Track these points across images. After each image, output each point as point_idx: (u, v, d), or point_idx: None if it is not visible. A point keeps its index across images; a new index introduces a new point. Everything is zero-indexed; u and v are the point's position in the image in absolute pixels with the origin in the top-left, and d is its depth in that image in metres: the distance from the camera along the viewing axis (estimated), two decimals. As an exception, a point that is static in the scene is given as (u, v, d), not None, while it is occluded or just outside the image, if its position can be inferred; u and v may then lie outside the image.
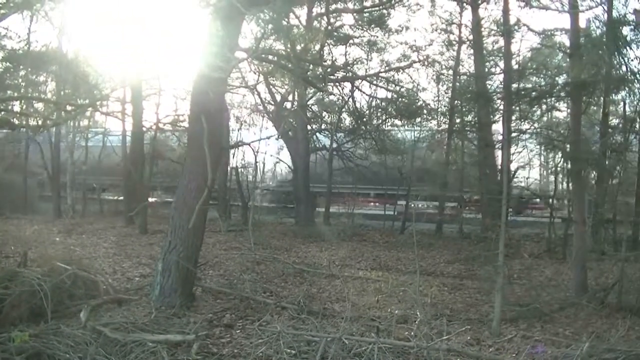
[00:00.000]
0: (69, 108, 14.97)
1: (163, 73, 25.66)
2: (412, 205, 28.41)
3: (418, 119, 30.32)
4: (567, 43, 15.27)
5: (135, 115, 25.99)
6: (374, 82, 28.70)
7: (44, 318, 9.22)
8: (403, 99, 28.42)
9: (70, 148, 30.89)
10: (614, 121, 23.15)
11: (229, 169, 29.98)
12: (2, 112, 13.29)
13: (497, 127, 25.50)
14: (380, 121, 30.91)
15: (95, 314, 9.82)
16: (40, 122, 15.25)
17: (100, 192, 33.39)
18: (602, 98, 19.29)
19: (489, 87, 25.04)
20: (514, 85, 18.63)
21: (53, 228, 23.13)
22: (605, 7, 14.78)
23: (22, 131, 23.00)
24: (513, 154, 25.32)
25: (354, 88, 29.11)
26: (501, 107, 21.15)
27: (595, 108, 21.53)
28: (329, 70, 22.89)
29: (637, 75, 17.02)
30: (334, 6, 27.87)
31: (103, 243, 19.88)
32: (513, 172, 24.92)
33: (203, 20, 12.26)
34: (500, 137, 23.65)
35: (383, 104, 29.90)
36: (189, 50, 13.49)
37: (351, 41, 29.53)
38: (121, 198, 30.04)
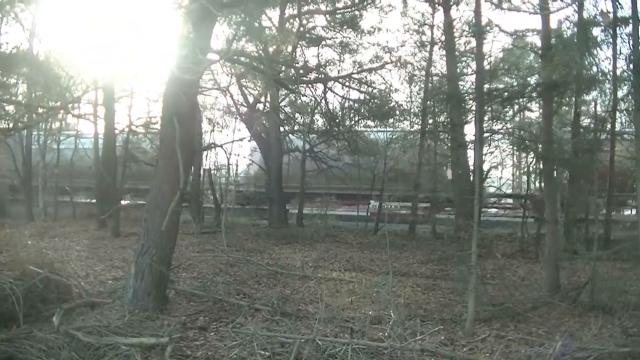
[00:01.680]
0: (40, 110, 14.88)
1: (135, 75, 25.56)
2: (385, 206, 28.45)
3: (390, 120, 30.41)
4: (539, 44, 15.33)
5: (107, 118, 25.88)
6: (347, 84, 28.72)
7: (16, 322, 9.17)
8: (375, 100, 28.45)
9: (42, 151, 30.70)
10: (585, 121, 23.33)
11: (201, 171, 29.91)
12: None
13: (470, 128, 25.63)
14: (352, 122, 30.97)
15: (68, 318, 9.80)
16: (11, 125, 15.14)
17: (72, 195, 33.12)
18: (573, 98, 19.43)
19: (461, 87, 25.16)
20: (486, 86, 18.69)
21: (25, 231, 22.96)
22: (576, 8, 14.93)
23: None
24: (485, 154, 25.42)
25: (327, 89, 29.12)
26: (473, 107, 21.23)
27: (566, 108, 21.67)
28: (301, 71, 22.94)
29: (608, 76, 17.18)
30: (306, 8, 27.83)
31: (75, 246, 19.78)
32: (485, 173, 25.04)
33: (175, 22, 12.24)
34: (473, 138, 23.76)
35: (356, 105, 29.94)
36: (161, 52, 13.45)
37: (323, 42, 29.53)
38: (94, 201, 29.83)
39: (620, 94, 19.63)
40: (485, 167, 25.50)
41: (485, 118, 21.16)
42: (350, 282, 15.35)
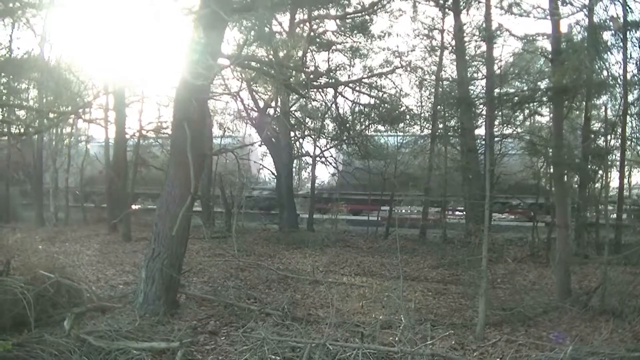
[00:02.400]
0: (51, 115, 14.90)
1: (146, 80, 25.61)
2: (396, 210, 28.43)
3: (401, 125, 30.35)
4: (549, 48, 15.31)
5: (118, 123, 25.94)
6: (357, 88, 28.65)
7: (27, 327, 9.20)
8: (386, 105, 28.38)
9: (53, 156, 30.77)
10: (595, 125, 23.27)
11: (212, 175, 29.92)
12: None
13: (480, 132, 25.57)
14: (363, 127, 30.92)
15: (79, 322, 9.84)
16: (22, 130, 15.18)
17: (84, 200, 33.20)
18: (583, 102, 19.38)
19: (471, 92, 25.14)
20: (496, 90, 18.71)
21: (36, 236, 22.99)
22: (586, 13, 14.89)
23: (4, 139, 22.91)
24: (495, 158, 25.37)
25: (337, 94, 29.05)
26: (484, 112, 21.25)
27: (577, 112, 21.63)
28: (311, 76, 22.87)
29: (618, 80, 17.14)
30: (316, 12, 27.83)
31: (86, 251, 19.81)
32: (496, 177, 24.98)
33: (186, 27, 12.26)
34: (483, 142, 23.72)
35: (366, 109, 29.87)
36: (171, 57, 13.47)
37: (334, 47, 29.51)
38: (104, 205, 29.89)
39: (630, 98, 19.64)
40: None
41: (496, 122, 21.15)
42: (360, 287, 15.36)
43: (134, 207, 28.21)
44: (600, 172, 19.15)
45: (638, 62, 18.88)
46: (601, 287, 12.44)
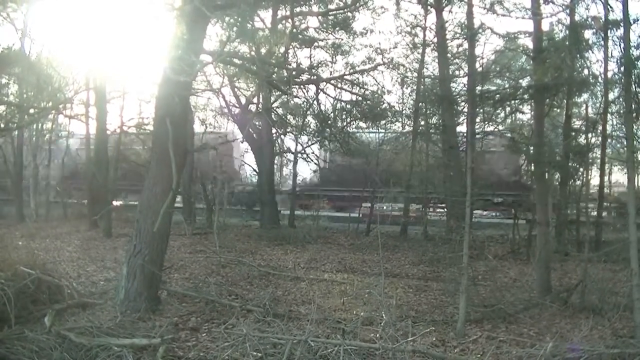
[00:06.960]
0: (32, 111, 14.84)
1: (128, 76, 25.51)
2: (377, 207, 28.45)
3: (383, 122, 30.39)
4: (531, 46, 15.37)
5: (99, 118, 25.81)
6: (339, 85, 28.57)
7: (7, 323, 9.15)
8: (368, 102, 28.37)
9: (33, 151, 30.64)
10: (576, 123, 23.37)
11: (193, 172, 29.87)
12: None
13: (461, 129, 25.62)
14: (345, 124, 30.93)
15: (60, 319, 9.79)
16: (2, 125, 15.10)
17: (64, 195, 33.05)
18: (565, 100, 19.46)
19: (453, 89, 25.20)
20: (478, 88, 18.71)
21: (16, 232, 22.95)
22: (568, 12, 14.96)
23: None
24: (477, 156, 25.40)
25: (319, 91, 28.96)
26: (465, 109, 21.27)
27: (558, 110, 21.72)
28: (293, 73, 22.82)
29: (599, 78, 17.22)
30: (298, 9, 27.79)
31: (67, 247, 19.74)
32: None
33: (168, 23, 12.23)
34: (465, 140, 23.76)
35: (348, 106, 29.85)
36: (154, 53, 13.43)
37: (316, 44, 29.49)
38: (85, 201, 29.76)
39: (611, 96, 19.69)
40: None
41: (477, 120, 21.19)
42: (342, 284, 15.38)
43: (115, 203, 28.08)
44: (581, 169, 19.24)
45: (618, 61, 18.95)
46: (581, 284, 12.52)
